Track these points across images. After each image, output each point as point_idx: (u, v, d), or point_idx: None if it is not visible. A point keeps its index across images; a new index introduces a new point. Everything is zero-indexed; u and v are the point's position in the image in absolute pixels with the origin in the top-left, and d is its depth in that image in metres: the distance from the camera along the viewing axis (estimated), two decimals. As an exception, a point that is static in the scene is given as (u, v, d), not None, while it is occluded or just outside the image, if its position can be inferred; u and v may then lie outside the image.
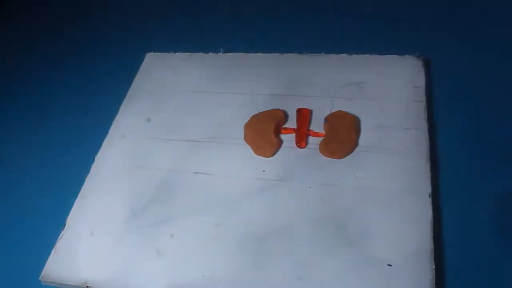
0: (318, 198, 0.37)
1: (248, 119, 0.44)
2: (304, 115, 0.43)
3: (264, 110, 0.45)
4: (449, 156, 0.40)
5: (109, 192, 0.42)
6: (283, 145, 0.42)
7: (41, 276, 0.37)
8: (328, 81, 0.46)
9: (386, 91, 0.44)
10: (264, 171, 0.40)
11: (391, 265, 0.33)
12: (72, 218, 0.41)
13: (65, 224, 0.40)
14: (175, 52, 0.54)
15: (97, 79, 0.56)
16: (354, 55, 0.48)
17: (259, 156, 0.42)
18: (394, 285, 0.32)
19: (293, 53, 0.50)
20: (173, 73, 0.52)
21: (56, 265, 0.38)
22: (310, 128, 0.43)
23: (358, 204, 0.36)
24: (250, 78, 0.49)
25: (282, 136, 0.43)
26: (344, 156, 0.40)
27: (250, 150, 0.42)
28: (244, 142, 0.43)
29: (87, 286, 0.36)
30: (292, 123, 0.44)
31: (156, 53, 0.55)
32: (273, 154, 0.42)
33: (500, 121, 0.42)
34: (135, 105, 0.49)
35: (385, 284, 0.33)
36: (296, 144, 0.42)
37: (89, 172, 0.44)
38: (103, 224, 0.40)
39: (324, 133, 0.42)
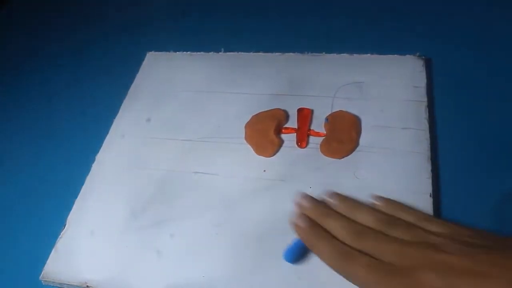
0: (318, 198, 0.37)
1: (249, 118, 0.44)
2: (305, 115, 0.43)
3: (264, 109, 0.45)
4: (450, 156, 0.40)
5: (109, 192, 0.42)
6: (284, 144, 0.42)
7: (41, 275, 0.37)
8: (328, 81, 0.46)
9: (387, 91, 0.44)
10: (265, 171, 0.40)
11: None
12: (72, 218, 0.41)
13: (65, 224, 0.40)
14: (175, 51, 0.54)
15: (97, 79, 0.56)
16: (354, 55, 0.48)
17: (260, 156, 0.42)
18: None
19: (294, 52, 0.50)
20: (173, 73, 0.52)
21: (56, 265, 0.38)
22: (311, 128, 0.43)
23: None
24: (251, 77, 0.49)
25: (283, 136, 0.43)
26: (344, 156, 0.40)
27: (251, 149, 0.42)
28: (244, 141, 0.43)
29: (87, 286, 0.36)
30: (292, 122, 0.44)
31: (157, 53, 0.55)
32: (274, 153, 0.42)
33: (501, 121, 0.42)
34: (135, 105, 0.49)
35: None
36: (297, 144, 0.42)
37: (89, 172, 0.44)
38: (103, 224, 0.40)
39: (325, 133, 0.42)
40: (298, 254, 0.34)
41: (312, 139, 0.42)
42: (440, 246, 0.27)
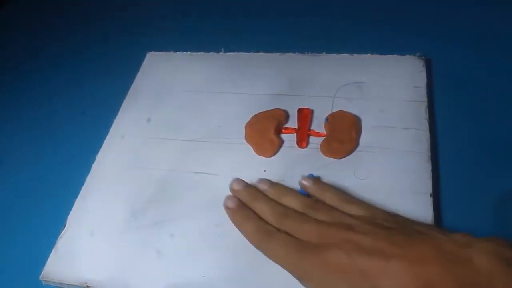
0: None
1: (249, 119, 0.44)
2: (305, 115, 0.43)
3: (264, 109, 0.45)
4: (450, 156, 0.40)
5: (109, 192, 0.42)
6: (284, 145, 0.42)
7: (41, 276, 0.37)
8: (328, 81, 0.46)
9: (387, 91, 0.44)
10: (265, 170, 0.40)
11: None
12: (72, 218, 0.41)
13: (65, 224, 0.40)
14: (175, 51, 0.54)
15: (97, 79, 0.56)
16: (354, 55, 0.48)
17: (260, 156, 0.42)
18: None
19: (294, 52, 0.50)
20: (173, 73, 0.52)
21: (56, 265, 0.38)
22: (311, 128, 0.43)
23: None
24: (251, 77, 0.49)
25: (283, 136, 0.43)
26: (344, 156, 0.40)
27: (251, 149, 0.42)
28: (245, 141, 0.43)
29: (87, 286, 0.36)
30: (293, 123, 0.44)
31: (157, 53, 0.55)
32: (274, 153, 0.42)
33: (501, 121, 0.42)
34: (135, 105, 0.49)
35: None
36: (297, 144, 0.42)
37: (89, 172, 0.44)
38: (103, 224, 0.40)
39: (325, 133, 0.42)
40: None
41: (312, 139, 0.42)
42: (352, 227, 0.29)
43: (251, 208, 0.35)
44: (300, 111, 0.44)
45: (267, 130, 0.42)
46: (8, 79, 0.59)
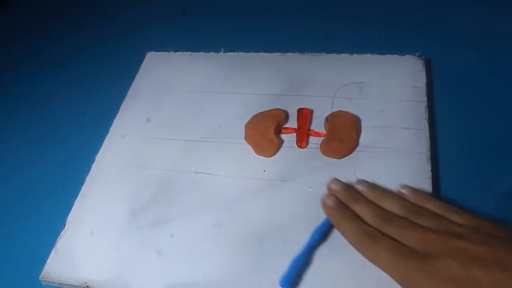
0: (318, 198, 0.37)
1: (249, 118, 0.44)
2: (304, 115, 0.43)
3: (264, 109, 0.45)
4: (449, 156, 0.40)
5: (109, 192, 0.42)
6: (283, 145, 0.42)
7: (41, 276, 0.37)
8: (328, 81, 0.46)
9: (387, 91, 0.44)
10: (264, 170, 0.40)
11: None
12: (72, 218, 0.41)
13: (65, 224, 0.40)
14: (175, 51, 0.54)
15: (97, 79, 0.56)
16: (354, 55, 0.48)
17: (260, 156, 0.42)
18: (395, 286, 0.32)
19: (294, 52, 0.50)
20: (173, 73, 0.52)
21: (56, 265, 0.38)
22: (311, 128, 0.43)
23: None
24: (250, 77, 0.49)
25: (283, 136, 0.43)
26: (344, 156, 0.40)
27: (251, 149, 0.42)
28: (244, 141, 0.43)
29: (87, 286, 0.36)
30: (292, 123, 0.44)
31: (157, 53, 0.55)
32: (274, 153, 0.42)
33: (501, 121, 0.42)
34: (135, 105, 0.49)
35: (386, 285, 0.32)
36: (297, 144, 0.42)
37: (89, 172, 0.44)
38: (103, 224, 0.40)
39: (325, 133, 0.42)
40: (294, 279, 0.33)
41: (312, 139, 0.42)
42: (462, 235, 0.28)
43: (351, 209, 0.33)
44: (300, 111, 0.44)
45: (267, 130, 0.43)
46: (8, 79, 0.59)
